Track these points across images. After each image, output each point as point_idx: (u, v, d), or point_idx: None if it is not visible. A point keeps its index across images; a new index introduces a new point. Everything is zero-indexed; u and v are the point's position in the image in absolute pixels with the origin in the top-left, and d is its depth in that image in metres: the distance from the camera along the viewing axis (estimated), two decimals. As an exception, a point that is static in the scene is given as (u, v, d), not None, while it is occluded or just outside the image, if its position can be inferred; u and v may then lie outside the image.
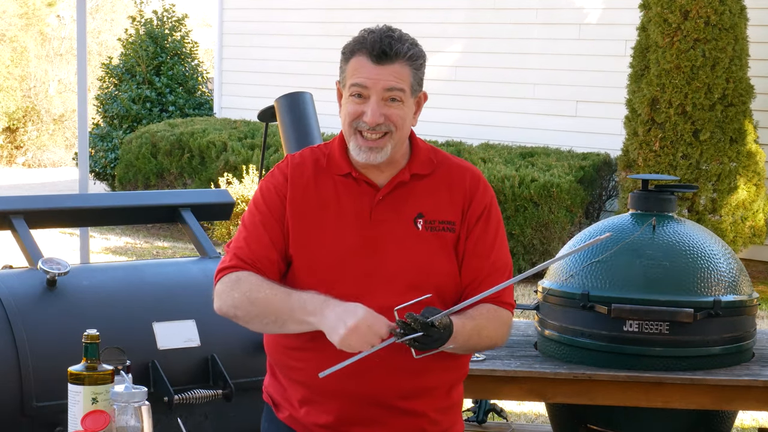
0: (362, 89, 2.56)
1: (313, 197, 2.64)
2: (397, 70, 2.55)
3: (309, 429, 2.67)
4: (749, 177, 8.94)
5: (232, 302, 2.59)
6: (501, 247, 2.70)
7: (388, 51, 2.54)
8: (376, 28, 2.60)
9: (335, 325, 2.42)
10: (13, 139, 20.95)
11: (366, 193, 2.64)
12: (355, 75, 2.56)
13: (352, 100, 2.58)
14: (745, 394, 3.92)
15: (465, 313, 2.57)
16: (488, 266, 2.66)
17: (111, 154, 13.28)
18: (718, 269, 4.05)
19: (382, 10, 12.16)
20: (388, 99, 2.56)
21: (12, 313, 3.16)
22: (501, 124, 11.47)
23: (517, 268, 9.37)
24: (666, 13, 8.69)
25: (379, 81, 2.55)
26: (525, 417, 5.72)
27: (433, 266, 2.62)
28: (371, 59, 2.54)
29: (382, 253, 2.60)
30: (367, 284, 2.58)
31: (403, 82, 2.57)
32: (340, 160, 2.66)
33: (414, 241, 2.62)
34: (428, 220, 2.64)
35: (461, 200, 2.67)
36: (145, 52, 13.86)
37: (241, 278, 2.59)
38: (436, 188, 2.67)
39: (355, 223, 2.62)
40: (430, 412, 2.67)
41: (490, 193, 2.72)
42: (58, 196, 4.13)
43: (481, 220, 2.67)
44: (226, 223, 9.77)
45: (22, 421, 3.10)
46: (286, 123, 3.95)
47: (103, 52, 21.43)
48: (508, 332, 2.71)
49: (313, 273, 2.61)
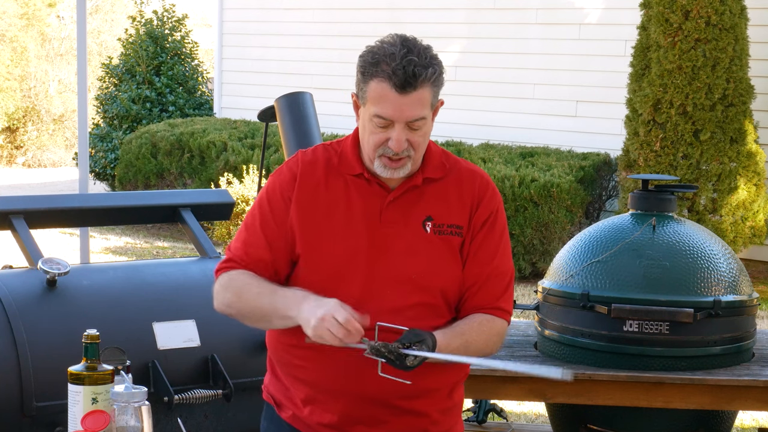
0: (386, 121, 2.54)
1: (323, 197, 2.65)
2: (420, 96, 2.52)
3: (313, 429, 2.68)
4: (749, 177, 8.94)
5: (225, 301, 2.65)
6: (504, 253, 2.70)
7: (412, 81, 2.50)
8: (393, 43, 2.53)
9: (308, 317, 2.45)
10: (13, 139, 20.95)
11: (377, 194, 2.65)
12: (378, 105, 2.53)
13: (375, 127, 2.56)
14: (745, 394, 3.92)
15: (453, 328, 2.59)
16: (489, 272, 2.66)
17: (111, 154, 13.28)
18: (718, 269, 4.05)
19: (382, 10, 12.16)
20: (411, 127, 2.55)
21: (12, 313, 3.16)
22: (501, 124, 11.47)
23: (517, 267, 9.38)
24: (667, 13, 8.69)
25: (404, 113, 2.52)
26: (525, 417, 5.72)
27: (439, 270, 2.63)
28: (395, 89, 2.50)
29: (390, 255, 2.61)
30: (373, 285, 2.59)
31: (425, 107, 2.55)
32: (353, 160, 2.66)
33: (422, 244, 2.63)
34: (437, 223, 2.65)
35: (469, 204, 2.68)
36: (145, 52, 13.86)
37: (232, 277, 2.64)
38: (446, 192, 2.68)
39: (364, 223, 2.62)
40: (432, 412, 2.68)
41: (497, 199, 2.72)
42: (58, 196, 4.13)
43: (486, 224, 2.68)
44: (226, 223, 9.76)
45: (22, 421, 3.10)
46: (286, 123, 3.95)
47: (103, 52, 21.43)
48: (501, 341, 2.70)
49: (319, 272, 2.61)
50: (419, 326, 2.55)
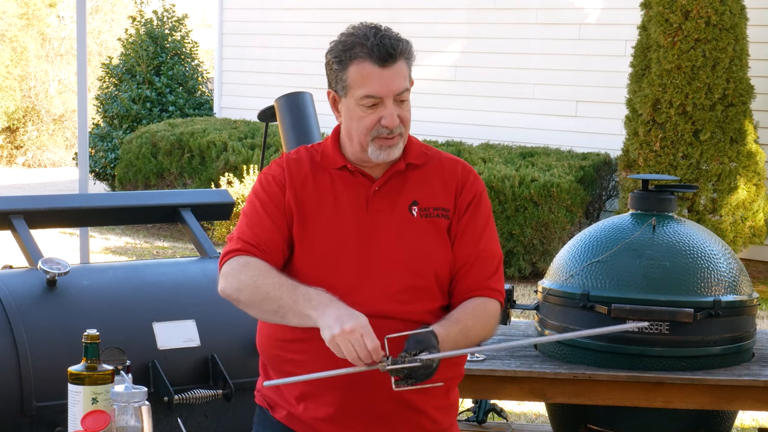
0: (375, 99, 2.57)
1: (311, 189, 2.67)
2: (400, 68, 2.58)
3: (309, 425, 2.67)
4: (749, 177, 8.94)
5: (237, 285, 2.58)
6: (490, 237, 2.73)
7: (392, 52, 2.56)
8: (360, 29, 2.59)
9: (332, 323, 2.42)
10: (13, 139, 20.96)
11: (362, 184, 2.68)
12: (364, 85, 2.56)
13: (364, 110, 2.59)
14: (745, 394, 3.92)
15: (448, 318, 2.59)
16: (477, 252, 2.68)
17: (111, 154, 13.28)
18: (718, 269, 4.05)
19: (381, 10, 12.15)
20: (399, 100, 2.59)
21: (12, 313, 3.16)
22: (501, 124, 11.47)
23: (517, 267, 9.38)
24: (667, 13, 8.69)
25: (390, 86, 2.57)
26: (525, 417, 5.72)
27: (429, 252, 2.65)
28: (377, 64, 2.55)
29: (379, 241, 2.63)
30: (366, 271, 2.61)
31: (406, 79, 2.61)
32: (334, 155, 2.70)
33: (409, 227, 2.65)
34: (422, 207, 2.68)
35: (453, 187, 2.71)
36: (145, 52, 13.86)
37: (250, 263, 2.59)
38: (429, 177, 2.71)
39: (351, 213, 2.65)
40: (429, 409, 2.68)
41: (480, 185, 2.76)
42: (58, 196, 4.13)
43: (471, 206, 2.71)
44: (226, 223, 9.76)
45: (22, 421, 3.10)
46: (286, 123, 3.96)
47: (103, 52, 21.42)
48: (497, 324, 2.71)
49: (312, 262, 2.63)
50: (412, 309, 2.59)
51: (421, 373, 2.43)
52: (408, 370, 2.42)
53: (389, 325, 2.52)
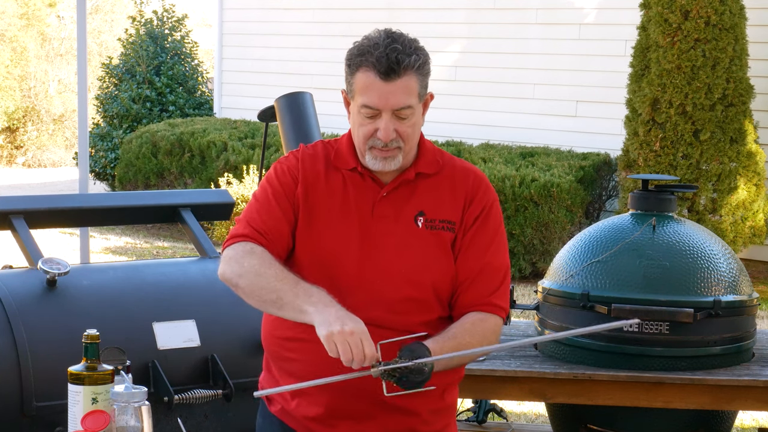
0: (373, 111, 2.56)
1: (322, 188, 2.67)
2: (405, 83, 2.55)
3: (299, 422, 2.68)
4: (749, 177, 8.94)
5: (239, 270, 2.57)
6: (498, 249, 2.69)
7: (395, 67, 2.53)
8: (377, 36, 2.57)
9: (332, 321, 2.41)
10: (13, 139, 20.95)
11: (370, 188, 2.66)
12: (364, 94, 2.55)
13: (363, 118, 2.58)
14: (745, 394, 3.92)
15: (444, 333, 2.58)
16: (481, 266, 2.66)
17: (111, 153, 13.28)
18: (718, 269, 4.05)
19: (382, 10, 12.16)
20: (399, 116, 2.57)
21: (12, 313, 3.16)
22: (501, 124, 11.47)
23: (517, 267, 9.38)
24: (666, 13, 8.69)
25: (389, 100, 2.54)
26: (525, 417, 5.72)
27: (430, 264, 2.63)
28: (379, 76, 2.53)
29: (380, 248, 2.62)
30: (364, 277, 2.60)
31: (411, 96, 2.56)
32: (348, 156, 2.68)
33: (412, 238, 2.64)
34: (428, 218, 2.66)
35: (462, 200, 2.68)
36: (145, 52, 13.86)
37: (255, 250, 2.58)
38: (439, 188, 2.69)
39: (356, 216, 2.64)
40: (423, 412, 2.67)
41: (491, 196, 2.72)
42: (58, 196, 4.14)
43: (478, 220, 2.68)
44: (226, 223, 9.76)
45: (22, 421, 3.10)
46: (286, 123, 3.96)
47: (103, 52, 21.42)
48: (497, 339, 2.69)
49: (312, 259, 2.63)
50: (408, 321, 2.57)
51: (413, 380, 2.43)
52: (400, 374, 2.42)
53: (382, 335, 2.50)
